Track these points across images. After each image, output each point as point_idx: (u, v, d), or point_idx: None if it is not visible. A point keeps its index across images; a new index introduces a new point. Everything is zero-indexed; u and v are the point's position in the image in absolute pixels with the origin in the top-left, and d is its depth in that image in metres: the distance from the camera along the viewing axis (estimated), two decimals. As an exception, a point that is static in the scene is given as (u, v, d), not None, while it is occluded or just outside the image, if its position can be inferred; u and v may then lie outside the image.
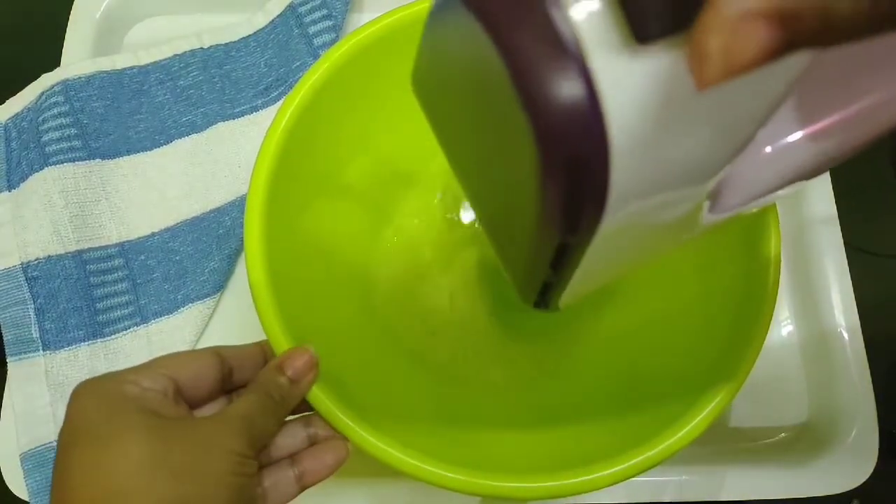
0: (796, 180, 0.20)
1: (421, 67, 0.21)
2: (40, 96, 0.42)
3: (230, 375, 0.27)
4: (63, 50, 0.46)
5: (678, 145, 0.15)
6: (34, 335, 0.39)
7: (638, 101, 0.14)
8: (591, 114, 0.13)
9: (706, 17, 0.11)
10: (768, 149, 0.19)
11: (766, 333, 0.29)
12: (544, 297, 0.23)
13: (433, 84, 0.21)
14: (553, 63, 0.13)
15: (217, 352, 0.27)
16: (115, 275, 0.41)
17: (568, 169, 0.14)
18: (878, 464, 0.36)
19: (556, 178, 0.15)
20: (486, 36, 0.14)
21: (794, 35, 0.11)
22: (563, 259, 0.18)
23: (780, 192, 0.20)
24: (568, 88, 0.13)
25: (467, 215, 0.41)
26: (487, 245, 0.40)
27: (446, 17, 0.17)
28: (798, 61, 0.15)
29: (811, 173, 0.20)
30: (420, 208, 0.41)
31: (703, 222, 0.20)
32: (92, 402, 0.23)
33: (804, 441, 0.39)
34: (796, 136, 0.19)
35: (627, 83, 0.13)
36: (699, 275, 0.34)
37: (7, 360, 0.39)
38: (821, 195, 0.42)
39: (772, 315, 0.29)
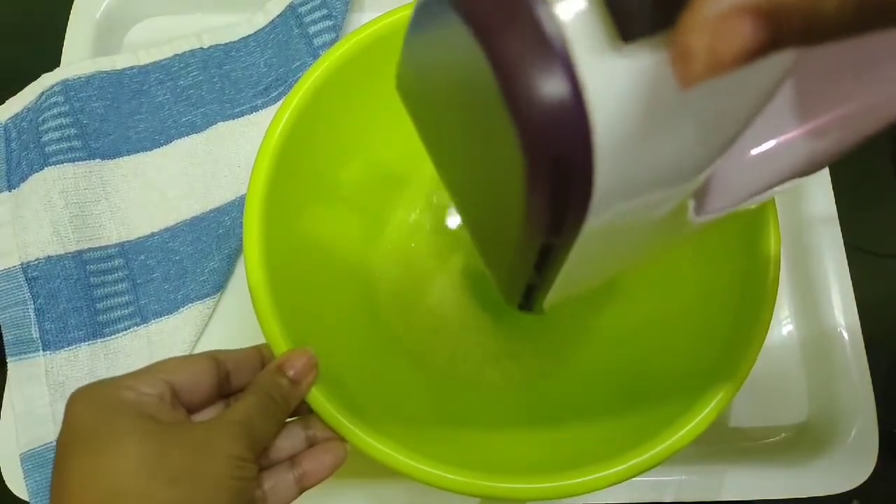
0: (781, 182, 0.20)
1: (405, 68, 0.21)
2: (40, 96, 0.42)
3: (227, 380, 0.27)
4: (63, 50, 0.46)
5: (662, 144, 0.15)
6: (34, 335, 0.39)
7: (623, 99, 0.13)
8: (575, 112, 0.13)
9: (690, 14, 0.11)
10: (754, 151, 0.19)
11: (766, 332, 0.29)
12: (528, 299, 0.22)
13: (417, 85, 0.21)
14: (538, 61, 0.13)
15: (214, 356, 0.27)
16: (115, 275, 0.41)
17: (552, 168, 0.14)
18: (878, 464, 0.36)
19: (541, 177, 0.14)
20: (469, 34, 0.14)
21: (778, 33, 0.11)
22: (547, 260, 0.18)
23: (767, 193, 0.20)
24: (552, 86, 0.13)
25: (452, 224, 0.41)
26: (475, 254, 0.40)
27: (430, 16, 0.16)
28: (782, 61, 0.15)
29: (797, 175, 0.20)
30: (419, 208, 0.41)
31: (692, 224, 0.20)
32: (89, 407, 0.23)
33: (804, 441, 0.38)
34: (782, 138, 0.19)
35: (612, 82, 0.13)
36: (699, 274, 0.34)
37: (7, 361, 0.39)
38: (821, 194, 0.42)
39: (772, 314, 0.29)
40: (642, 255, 0.22)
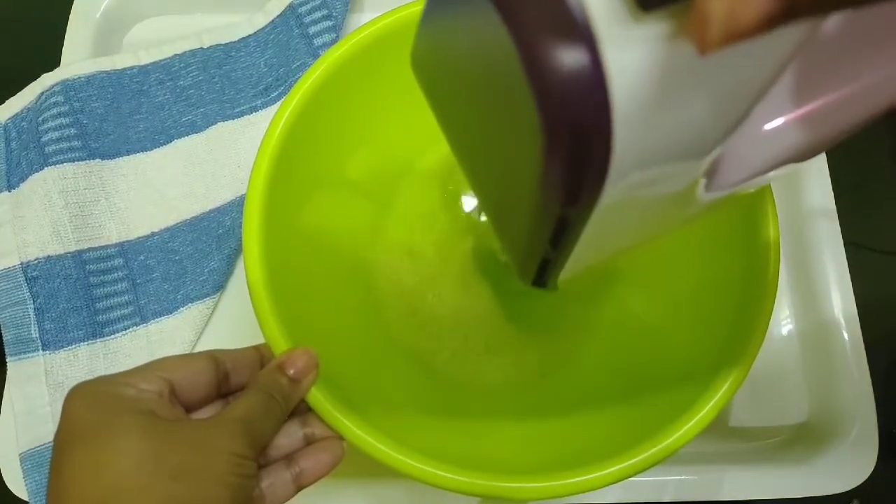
0: (793, 161, 0.20)
1: (420, 46, 0.21)
2: (40, 96, 0.43)
3: (226, 379, 0.27)
4: (63, 50, 0.46)
5: (679, 114, 0.15)
6: (34, 335, 0.39)
7: (641, 68, 0.14)
8: (594, 80, 0.13)
9: None
10: (766, 127, 0.19)
11: (769, 321, 0.29)
12: (542, 275, 0.22)
13: (433, 61, 0.21)
14: (557, 29, 0.13)
15: (213, 355, 0.27)
16: (115, 275, 0.41)
17: (570, 135, 0.14)
18: (878, 464, 0.36)
19: (559, 145, 0.14)
20: (488, 4, 0.14)
21: (795, 1, 0.11)
22: (562, 234, 0.18)
23: (775, 173, 0.20)
24: (571, 54, 0.13)
25: (466, 208, 0.41)
26: (487, 236, 0.40)
27: None
28: (797, 32, 0.15)
29: (808, 154, 0.20)
30: (419, 204, 0.41)
31: (701, 200, 0.20)
32: (87, 404, 0.23)
33: (804, 441, 0.38)
34: (793, 115, 0.19)
35: (631, 50, 0.13)
36: (699, 269, 0.34)
37: (7, 360, 0.39)
38: (820, 191, 0.42)
39: (773, 303, 0.29)
40: (653, 231, 0.23)
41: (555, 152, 0.15)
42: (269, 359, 0.28)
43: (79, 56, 0.45)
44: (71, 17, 0.46)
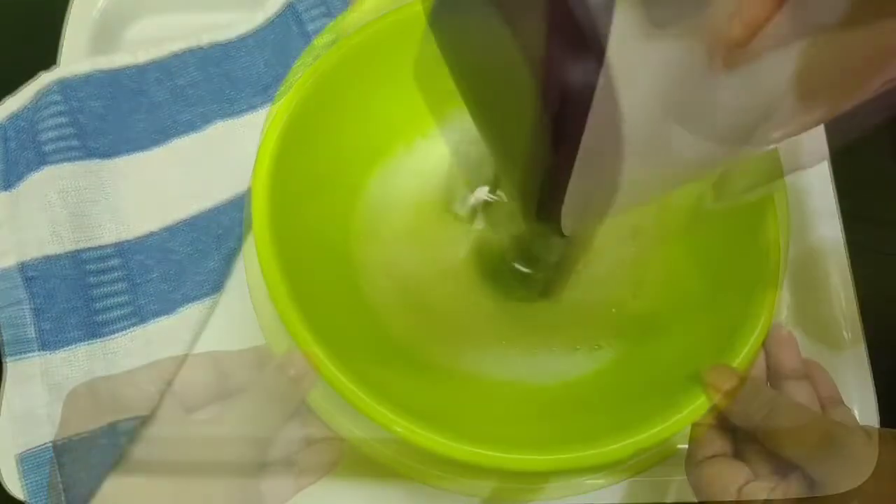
0: (798, 169, 0.20)
1: (438, 7, 0.21)
2: (38, 96, 0.42)
3: (226, 380, 0.27)
4: (61, 49, 0.46)
5: (689, 129, 0.15)
6: (32, 335, 0.39)
7: (653, 84, 0.14)
8: (605, 94, 0.13)
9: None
10: (772, 136, 0.19)
11: (768, 327, 0.29)
12: (546, 204, 0.22)
13: (449, 27, 0.21)
14: (570, 46, 0.13)
15: (213, 356, 0.27)
16: (113, 275, 0.40)
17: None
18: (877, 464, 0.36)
19: (570, 160, 0.15)
20: (503, 20, 0.14)
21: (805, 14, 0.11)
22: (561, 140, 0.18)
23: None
24: (584, 71, 0.13)
25: (467, 209, 0.41)
26: (488, 237, 0.40)
27: None
28: (803, 45, 0.15)
29: (812, 162, 0.20)
30: (419, 203, 0.41)
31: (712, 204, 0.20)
32: (87, 403, 0.23)
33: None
34: (798, 122, 0.19)
35: (643, 66, 0.13)
36: (701, 270, 0.35)
37: (4, 361, 0.39)
38: (821, 191, 0.42)
39: (774, 308, 0.29)
40: (663, 192, 0.22)
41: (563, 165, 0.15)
42: (268, 360, 0.28)
43: (77, 55, 0.45)
44: (69, 15, 0.46)
